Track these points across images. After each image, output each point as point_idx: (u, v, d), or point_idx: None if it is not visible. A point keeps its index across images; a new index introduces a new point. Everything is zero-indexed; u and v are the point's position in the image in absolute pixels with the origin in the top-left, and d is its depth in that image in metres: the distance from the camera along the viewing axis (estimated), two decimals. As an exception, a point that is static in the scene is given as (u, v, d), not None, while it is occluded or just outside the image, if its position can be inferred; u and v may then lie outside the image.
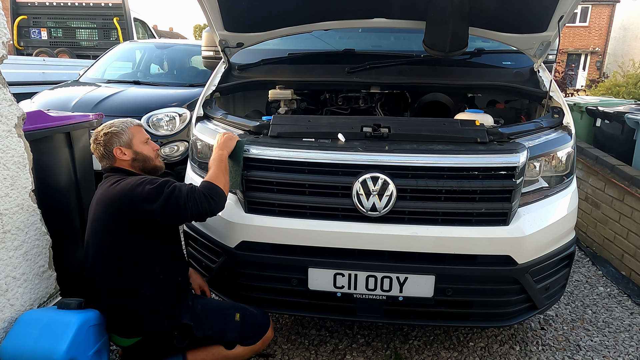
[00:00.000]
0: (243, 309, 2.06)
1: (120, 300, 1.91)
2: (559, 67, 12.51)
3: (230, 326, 2.00)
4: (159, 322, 1.93)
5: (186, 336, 1.96)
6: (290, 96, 2.73)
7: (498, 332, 2.59)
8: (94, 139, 2.04)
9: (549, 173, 2.15)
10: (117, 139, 2.01)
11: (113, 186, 1.90)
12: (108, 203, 1.87)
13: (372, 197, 1.89)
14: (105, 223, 1.88)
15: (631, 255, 3.32)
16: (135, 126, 2.08)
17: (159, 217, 1.83)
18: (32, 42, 9.68)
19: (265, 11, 2.62)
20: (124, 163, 2.03)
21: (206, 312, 2.01)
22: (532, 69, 2.82)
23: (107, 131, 2.01)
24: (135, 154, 2.04)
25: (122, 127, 2.04)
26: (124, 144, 2.02)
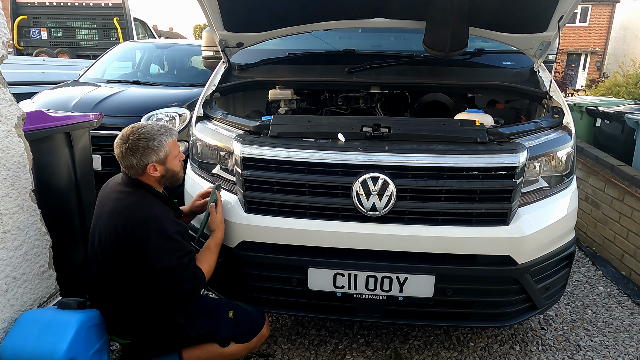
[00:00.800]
0: (237, 306, 2.04)
1: (114, 306, 1.92)
2: (559, 67, 12.52)
3: (223, 324, 1.98)
4: (152, 325, 1.93)
5: (180, 335, 1.95)
6: (290, 96, 2.73)
7: (498, 332, 2.59)
8: (125, 146, 1.85)
9: (549, 173, 2.15)
10: (155, 155, 1.87)
11: (132, 208, 1.83)
12: (123, 223, 1.80)
13: (372, 197, 1.89)
14: (109, 236, 1.83)
15: (631, 255, 3.32)
16: (173, 141, 1.95)
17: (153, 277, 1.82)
18: (32, 42, 9.68)
19: (265, 11, 2.62)
20: (151, 179, 1.92)
21: (199, 311, 1.99)
22: (532, 69, 2.82)
23: (145, 145, 1.85)
24: (167, 170, 1.93)
25: (162, 142, 1.88)
26: (159, 161, 1.89)
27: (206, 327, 1.97)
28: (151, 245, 1.77)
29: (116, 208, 1.85)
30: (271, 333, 2.54)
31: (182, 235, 1.86)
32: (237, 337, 2.01)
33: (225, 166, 2.23)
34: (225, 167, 2.22)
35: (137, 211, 1.83)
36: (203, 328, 1.97)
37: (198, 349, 2.02)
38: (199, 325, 1.97)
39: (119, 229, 1.79)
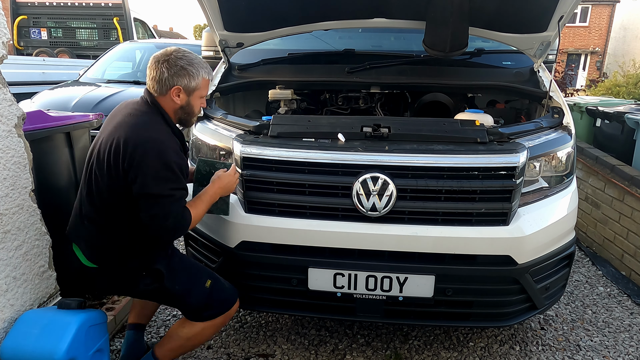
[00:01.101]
0: (216, 279, 1.98)
1: (96, 226, 1.82)
2: (559, 67, 12.50)
3: (198, 290, 1.90)
4: (128, 260, 1.84)
5: (154, 282, 1.85)
6: (290, 96, 2.73)
7: (498, 332, 2.59)
8: (164, 58, 1.79)
9: (549, 173, 2.15)
10: (187, 80, 1.80)
11: (141, 125, 1.74)
12: (126, 137, 1.71)
13: (372, 197, 1.89)
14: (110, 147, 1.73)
15: (631, 255, 3.32)
16: (208, 80, 1.89)
17: (140, 202, 1.72)
18: (32, 42, 9.69)
19: (265, 11, 2.62)
20: (168, 104, 1.83)
21: (182, 267, 1.92)
22: (532, 69, 2.82)
23: (184, 66, 1.78)
24: (187, 104, 1.85)
25: (199, 73, 1.82)
26: (186, 89, 1.81)
27: (181, 285, 1.89)
28: (147, 167, 1.68)
29: (125, 122, 1.76)
30: (271, 333, 2.54)
31: (180, 170, 1.76)
32: (206, 308, 1.91)
33: (225, 166, 2.23)
34: (225, 167, 2.22)
35: (144, 130, 1.74)
36: (178, 285, 1.88)
37: (166, 342, 1.98)
38: (177, 281, 1.88)
39: (120, 142, 1.70)
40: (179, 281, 1.89)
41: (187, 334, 1.94)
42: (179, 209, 1.76)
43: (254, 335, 2.52)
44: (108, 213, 1.79)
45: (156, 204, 1.70)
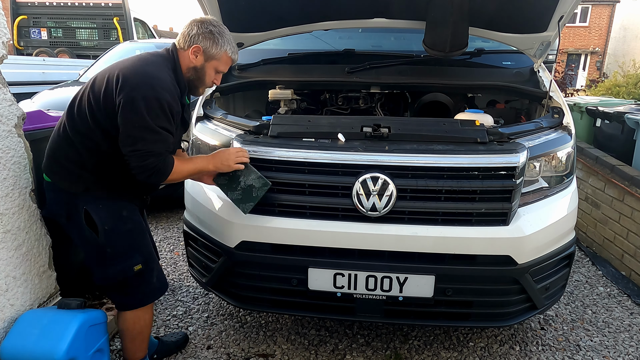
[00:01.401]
0: (149, 269, 1.90)
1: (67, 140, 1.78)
2: (559, 67, 12.51)
3: (123, 265, 1.82)
4: (79, 183, 1.79)
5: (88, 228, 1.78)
6: (290, 96, 2.73)
7: (498, 332, 2.59)
8: (201, 20, 1.84)
9: (549, 173, 2.15)
10: (209, 45, 1.82)
11: (148, 62, 1.76)
12: (131, 65, 1.72)
13: (372, 197, 1.90)
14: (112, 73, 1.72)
15: (631, 255, 3.32)
16: (229, 59, 1.90)
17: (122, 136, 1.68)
18: (32, 42, 9.69)
19: (265, 11, 2.62)
20: (185, 60, 1.85)
21: (126, 232, 1.84)
22: (532, 69, 2.82)
23: (213, 32, 1.82)
24: (201, 68, 1.86)
25: (223, 47, 1.85)
26: (206, 53, 1.83)
27: (113, 249, 1.80)
28: (138, 98, 1.64)
29: (135, 57, 1.79)
30: (271, 333, 2.54)
31: (171, 112, 1.73)
32: (116, 290, 1.87)
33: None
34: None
35: (146, 65, 1.74)
36: (110, 248, 1.80)
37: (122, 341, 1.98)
38: (115, 237, 1.80)
39: (121, 72, 1.70)
40: (117, 239, 1.82)
41: (122, 326, 1.96)
42: (161, 149, 1.72)
43: (254, 335, 2.53)
44: (85, 136, 1.76)
45: (139, 139, 1.67)
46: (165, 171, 1.75)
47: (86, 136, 1.75)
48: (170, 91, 1.74)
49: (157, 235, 3.96)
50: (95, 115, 1.72)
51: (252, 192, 1.94)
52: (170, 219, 4.40)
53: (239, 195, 1.95)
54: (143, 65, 1.74)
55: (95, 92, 1.73)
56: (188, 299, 2.89)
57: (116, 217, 1.83)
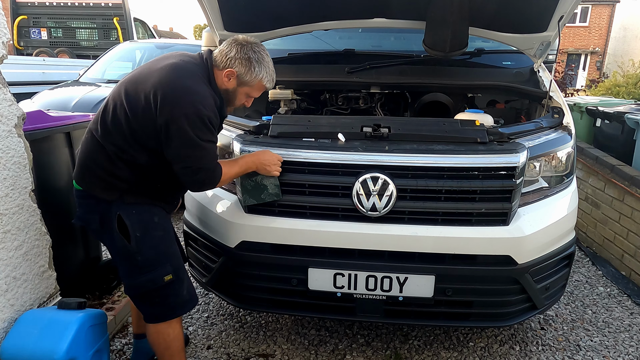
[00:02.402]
0: (180, 279, 1.82)
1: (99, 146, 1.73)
2: (559, 67, 12.50)
3: (150, 274, 1.75)
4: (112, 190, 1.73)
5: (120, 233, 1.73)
6: (290, 96, 2.73)
7: (498, 332, 2.59)
8: (245, 41, 1.79)
9: (549, 173, 2.15)
10: (244, 71, 1.78)
11: (188, 71, 1.70)
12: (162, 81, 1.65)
13: (372, 197, 1.89)
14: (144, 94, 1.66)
15: (631, 255, 3.32)
16: (263, 86, 1.86)
17: (170, 155, 1.67)
18: (32, 42, 9.68)
19: (265, 11, 2.62)
20: (218, 80, 1.80)
21: (157, 239, 1.78)
22: (532, 69, 2.82)
23: (252, 59, 1.77)
24: (232, 92, 1.83)
25: (259, 75, 1.80)
26: (240, 78, 1.79)
27: (143, 257, 1.74)
28: (183, 118, 1.61)
29: (174, 65, 1.71)
30: (271, 333, 2.54)
31: (213, 126, 1.71)
32: (146, 300, 1.80)
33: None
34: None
35: (187, 79, 1.68)
36: (141, 256, 1.74)
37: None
38: (146, 245, 1.75)
39: (158, 85, 1.64)
40: (148, 247, 1.76)
41: (149, 339, 1.89)
42: (210, 162, 1.73)
43: (254, 335, 2.52)
44: (122, 150, 1.71)
45: (188, 156, 1.67)
46: (214, 180, 1.77)
47: (123, 150, 1.70)
48: (211, 105, 1.71)
49: (157, 235, 3.96)
50: (135, 132, 1.68)
51: (261, 192, 1.96)
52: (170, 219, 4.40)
53: (250, 186, 1.96)
54: (180, 79, 1.67)
55: (132, 108, 1.67)
56: (188, 299, 2.89)
57: (148, 224, 1.78)
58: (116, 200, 1.74)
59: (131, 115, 1.68)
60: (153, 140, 1.69)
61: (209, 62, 1.79)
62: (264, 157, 1.91)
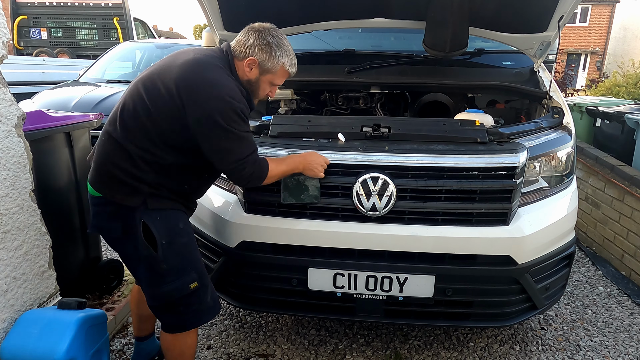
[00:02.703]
0: (204, 286, 1.74)
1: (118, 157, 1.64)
2: (559, 67, 12.49)
3: (175, 283, 1.67)
4: (131, 198, 1.64)
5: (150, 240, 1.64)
6: (290, 96, 2.73)
7: (498, 332, 2.59)
8: (262, 28, 1.74)
9: (549, 173, 2.15)
10: (266, 57, 1.71)
11: (213, 66, 1.63)
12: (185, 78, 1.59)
13: (372, 197, 1.89)
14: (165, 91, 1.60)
15: (631, 255, 3.32)
16: (286, 73, 1.80)
17: (209, 153, 1.61)
18: (32, 42, 9.69)
19: (265, 11, 2.61)
20: (240, 71, 1.74)
21: (182, 246, 1.69)
22: (532, 69, 2.82)
23: (272, 44, 1.71)
24: (255, 82, 1.76)
25: (281, 60, 1.74)
26: (262, 66, 1.73)
27: (168, 264, 1.66)
28: (215, 113, 1.55)
29: (195, 59, 1.64)
30: (271, 333, 2.54)
31: (246, 116, 1.65)
32: (170, 310, 1.71)
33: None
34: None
35: (211, 72, 1.62)
36: (166, 264, 1.65)
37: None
38: (172, 252, 1.66)
39: (180, 80, 1.58)
40: (168, 259, 1.66)
41: (162, 345, 1.84)
42: (251, 151, 1.67)
43: (254, 335, 2.52)
44: (147, 150, 1.63)
45: (228, 151, 1.61)
46: (262, 175, 1.73)
47: (147, 150, 1.62)
48: (239, 96, 1.65)
49: (157, 235, 3.96)
50: (162, 132, 1.61)
51: (301, 193, 1.93)
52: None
53: (291, 185, 1.92)
54: (205, 73, 1.61)
55: (156, 106, 1.60)
56: (188, 299, 2.89)
57: (174, 230, 1.69)
58: (140, 206, 1.65)
59: (155, 113, 1.60)
60: (181, 138, 1.62)
61: (229, 54, 1.73)
62: (311, 158, 1.87)
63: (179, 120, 1.60)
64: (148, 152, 1.63)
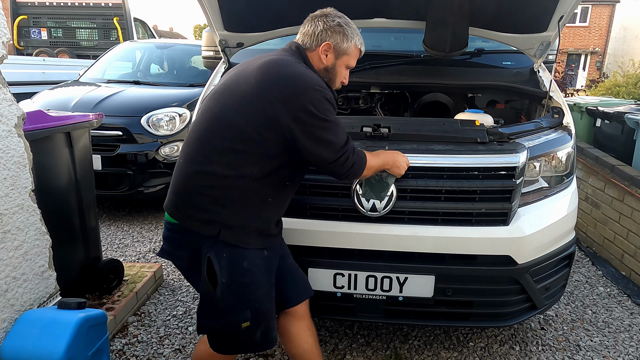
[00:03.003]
0: (256, 326, 1.65)
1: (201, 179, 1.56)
2: (559, 67, 12.50)
3: (228, 319, 1.61)
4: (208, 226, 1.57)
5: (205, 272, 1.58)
6: (290, 96, 2.73)
7: (498, 332, 2.59)
8: (324, 14, 1.72)
9: (549, 173, 2.15)
10: (340, 40, 1.68)
11: (295, 65, 1.59)
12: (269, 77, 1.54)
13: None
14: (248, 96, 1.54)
15: (631, 255, 3.32)
16: (358, 52, 1.78)
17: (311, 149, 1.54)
18: (32, 42, 9.69)
19: (265, 11, 2.62)
20: (315, 62, 1.70)
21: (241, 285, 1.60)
22: (532, 69, 2.82)
23: (341, 25, 1.69)
24: (332, 68, 1.72)
25: (354, 39, 1.72)
26: (337, 49, 1.69)
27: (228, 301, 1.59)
28: (310, 105, 1.50)
29: (272, 60, 1.59)
30: (271, 333, 2.54)
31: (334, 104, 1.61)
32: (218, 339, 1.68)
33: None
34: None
35: (293, 66, 1.57)
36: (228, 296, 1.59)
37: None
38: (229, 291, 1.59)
39: (273, 77, 1.53)
40: (225, 298, 1.60)
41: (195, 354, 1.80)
42: (346, 137, 1.61)
43: (254, 335, 2.52)
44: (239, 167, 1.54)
45: (328, 142, 1.54)
46: (362, 164, 1.67)
47: (233, 165, 1.54)
48: (325, 85, 1.61)
49: (157, 235, 3.96)
50: (252, 143, 1.53)
51: (382, 190, 1.89)
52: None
53: (374, 180, 1.87)
54: (286, 69, 1.56)
55: (245, 118, 1.53)
56: (188, 299, 2.89)
57: (236, 270, 1.61)
58: (211, 238, 1.57)
59: (244, 126, 1.52)
60: (273, 143, 1.54)
61: (300, 49, 1.70)
62: (399, 157, 1.83)
63: (272, 123, 1.52)
64: (233, 167, 1.54)
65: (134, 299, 2.71)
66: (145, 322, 2.63)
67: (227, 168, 1.54)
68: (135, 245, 3.76)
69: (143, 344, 2.43)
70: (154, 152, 4.15)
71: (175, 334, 2.52)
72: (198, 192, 1.57)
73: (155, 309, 2.77)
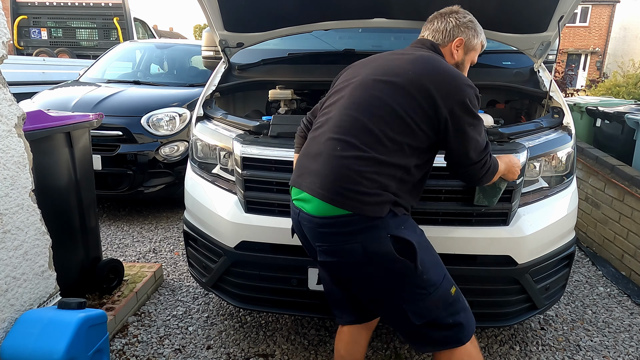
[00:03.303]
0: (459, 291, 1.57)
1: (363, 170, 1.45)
2: (559, 67, 12.50)
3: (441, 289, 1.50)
4: (379, 207, 1.44)
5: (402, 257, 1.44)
6: (290, 96, 2.73)
7: (498, 332, 2.59)
8: (452, 11, 1.74)
9: (549, 173, 2.15)
10: (470, 36, 1.71)
11: (434, 60, 1.57)
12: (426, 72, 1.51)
13: (372, 197, 1.89)
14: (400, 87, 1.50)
15: (631, 255, 3.32)
16: (483, 45, 1.79)
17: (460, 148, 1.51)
18: (32, 42, 9.70)
19: (265, 11, 2.62)
20: (446, 57, 1.71)
21: (428, 249, 1.54)
22: (532, 69, 2.82)
23: (471, 19, 1.72)
24: (461, 64, 1.74)
25: (480, 32, 1.74)
26: (467, 45, 1.72)
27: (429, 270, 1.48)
28: (467, 99, 1.48)
29: (423, 56, 1.58)
30: (271, 333, 2.54)
31: None
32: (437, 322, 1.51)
33: (225, 166, 2.23)
34: (225, 167, 2.22)
35: (444, 62, 1.58)
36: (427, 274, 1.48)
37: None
38: (424, 259, 1.48)
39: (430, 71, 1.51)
40: (425, 268, 1.47)
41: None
42: (490, 147, 1.60)
43: (254, 335, 2.52)
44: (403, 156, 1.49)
45: (475, 140, 1.52)
46: (495, 170, 1.64)
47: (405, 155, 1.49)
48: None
49: (157, 235, 3.97)
50: (428, 138, 1.51)
51: (494, 196, 1.86)
52: (170, 219, 4.41)
53: (488, 186, 1.83)
54: (440, 65, 1.55)
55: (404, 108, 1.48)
56: (188, 299, 2.89)
57: (421, 237, 1.54)
58: (382, 218, 1.45)
59: (403, 115, 1.47)
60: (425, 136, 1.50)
61: (435, 46, 1.70)
62: (515, 161, 1.79)
63: (430, 116, 1.48)
64: (393, 157, 1.48)
65: (134, 299, 2.71)
66: (145, 322, 2.63)
67: (386, 157, 1.47)
68: (135, 245, 3.76)
69: (143, 344, 2.43)
70: (154, 152, 4.16)
71: (175, 334, 2.52)
72: (364, 177, 1.45)
73: (155, 309, 2.77)
